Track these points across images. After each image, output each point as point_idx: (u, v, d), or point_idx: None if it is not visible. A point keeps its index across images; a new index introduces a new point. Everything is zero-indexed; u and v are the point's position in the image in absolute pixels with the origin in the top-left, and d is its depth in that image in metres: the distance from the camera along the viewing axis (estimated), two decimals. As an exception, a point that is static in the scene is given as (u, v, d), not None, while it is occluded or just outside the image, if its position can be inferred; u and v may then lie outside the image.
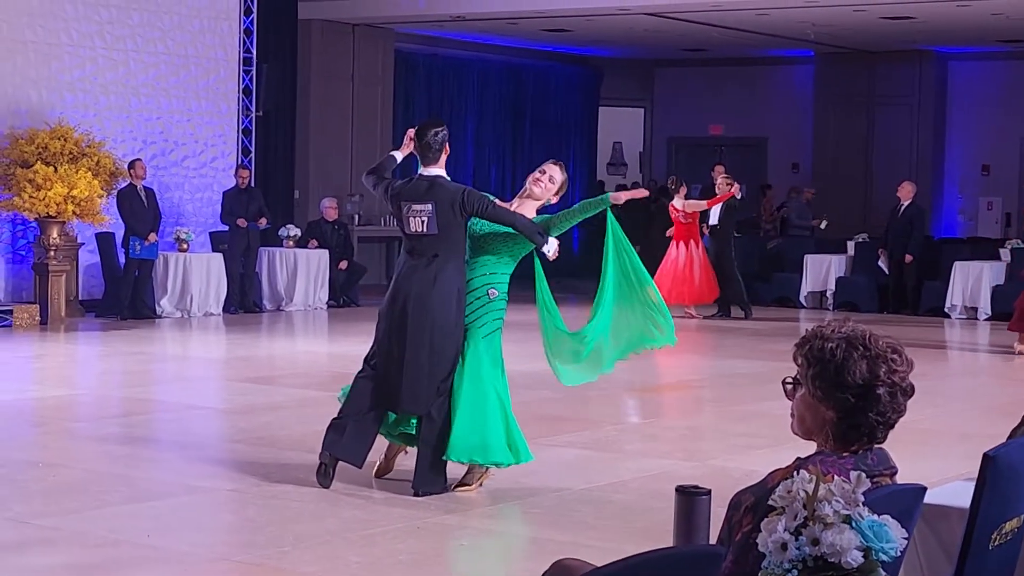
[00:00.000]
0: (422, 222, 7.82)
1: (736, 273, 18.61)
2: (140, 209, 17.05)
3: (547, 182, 8.02)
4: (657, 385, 13.13)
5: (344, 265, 19.22)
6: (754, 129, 26.61)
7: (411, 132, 8.19)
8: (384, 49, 22.93)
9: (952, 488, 4.49)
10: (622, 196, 8.42)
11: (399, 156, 8.30)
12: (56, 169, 16.30)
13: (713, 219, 18.49)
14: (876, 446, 3.51)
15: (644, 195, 9.44)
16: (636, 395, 12.56)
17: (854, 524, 2.86)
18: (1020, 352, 15.10)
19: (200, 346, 15.70)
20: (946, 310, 19.19)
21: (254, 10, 19.51)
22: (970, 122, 24.83)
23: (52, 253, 16.32)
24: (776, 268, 21.29)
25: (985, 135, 24.71)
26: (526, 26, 22.47)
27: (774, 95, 26.49)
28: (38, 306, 16.23)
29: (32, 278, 16.69)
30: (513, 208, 7.94)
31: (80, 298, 17.48)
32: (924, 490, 3.61)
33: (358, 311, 18.50)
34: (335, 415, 7.94)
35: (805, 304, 20.40)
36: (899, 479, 3.59)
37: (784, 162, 26.37)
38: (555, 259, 7.80)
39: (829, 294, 20.38)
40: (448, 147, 8.04)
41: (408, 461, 8.00)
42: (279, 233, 19.05)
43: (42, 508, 7.50)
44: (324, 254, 19.01)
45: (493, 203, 7.80)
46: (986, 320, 18.84)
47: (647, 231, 24.52)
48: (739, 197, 18.65)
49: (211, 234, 18.73)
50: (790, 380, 3.54)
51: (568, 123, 27.02)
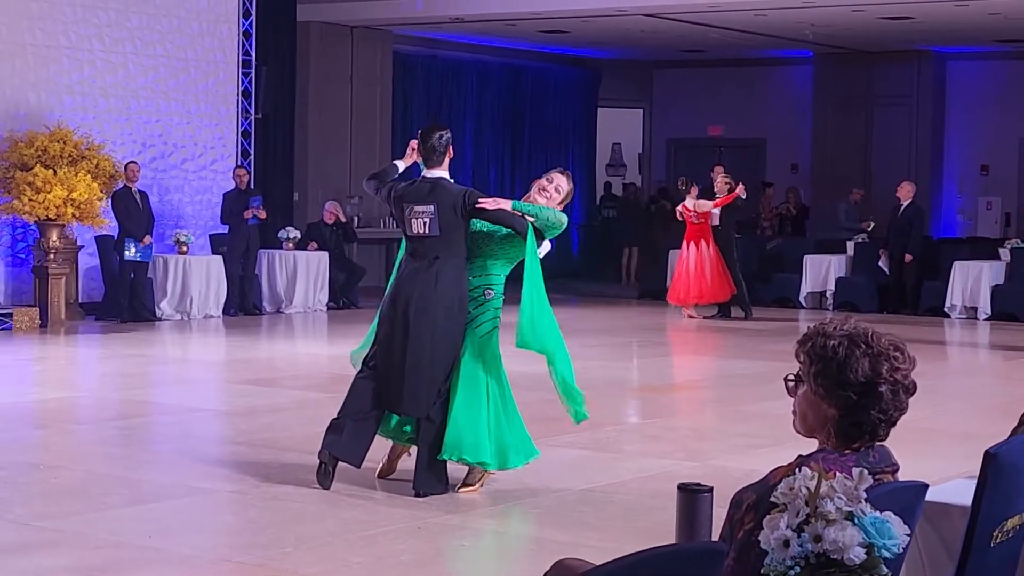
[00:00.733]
0: (424, 223, 7.83)
1: (738, 273, 18.63)
2: (135, 211, 17.04)
3: (553, 191, 8.00)
4: (657, 385, 13.12)
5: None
6: (753, 130, 26.61)
7: (414, 143, 8.19)
8: (383, 51, 22.94)
9: (953, 486, 4.49)
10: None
11: (401, 165, 8.29)
12: (55, 172, 16.30)
13: (714, 220, 18.52)
14: (878, 444, 3.51)
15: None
16: (636, 395, 12.57)
17: (856, 521, 2.86)
18: None
19: (200, 348, 15.70)
20: (946, 310, 19.19)
21: (253, 13, 19.52)
22: (969, 122, 24.84)
23: (52, 256, 16.32)
24: (776, 268, 21.28)
25: (984, 135, 24.72)
26: (524, 28, 22.48)
27: (773, 96, 26.50)
28: (38, 309, 16.23)
29: (32, 281, 16.69)
30: None
31: (80, 301, 17.48)
32: (926, 487, 3.61)
33: (358, 313, 18.49)
34: (334, 415, 7.95)
35: (805, 304, 20.40)
36: (900, 477, 3.59)
37: (783, 163, 26.38)
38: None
39: (829, 294, 20.38)
40: (451, 150, 8.06)
41: (411, 462, 8.00)
42: (278, 235, 19.05)
43: (43, 510, 7.50)
44: (324, 256, 19.02)
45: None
46: (986, 320, 18.84)
47: (647, 232, 24.60)
48: (743, 198, 18.68)
49: (211, 236, 18.72)
50: (792, 377, 3.54)
51: (567, 124, 27.02)
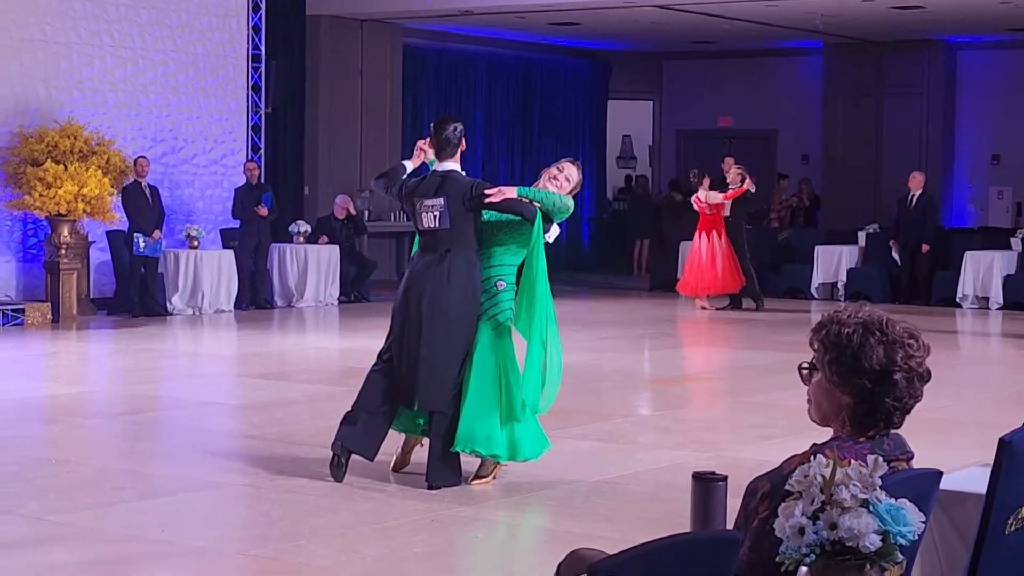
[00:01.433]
0: (434, 217, 7.82)
1: (748, 265, 18.63)
2: (144, 206, 17.06)
3: (563, 180, 8.00)
4: (669, 377, 13.12)
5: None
6: (763, 121, 26.57)
7: (421, 143, 8.17)
8: (392, 44, 22.93)
9: (968, 474, 4.49)
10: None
11: (409, 166, 8.26)
12: (66, 167, 16.33)
13: (725, 211, 18.52)
14: (892, 431, 3.51)
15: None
16: (648, 387, 12.58)
17: (871, 508, 2.85)
18: None
19: (211, 343, 15.73)
20: (957, 300, 19.17)
21: (262, 7, 19.52)
22: (980, 111, 24.77)
23: (63, 251, 16.35)
24: (787, 259, 21.27)
25: (995, 124, 24.65)
26: (534, 20, 22.46)
27: (783, 86, 26.45)
28: (49, 304, 16.26)
29: (43, 276, 16.72)
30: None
31: (91, 296, 17.51)
32: (940, 475, 3.60)
33: (369, 307, 18.52)
34: (348, 408, 7.96)
35: (816, 295, 20.39)
36: (915, 465, 3.58)
37: (794, 153, 26.34)
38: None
39: (840, 285, 20.36)
40: (464, 142, 8.06)
41: (424, 455, 8.00)
42: (289, 229, 19.05)
43: (56, 505, 7.51)
44: (334, 250, 19.02)
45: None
46: (998, 309, 18.82)
47: (658, 224, 24.59)
48: (752, 191, 18.67)
49: (221, 231, 18.74)
50: (806, 365, 3.53)
51: (577, 116, 26.99)
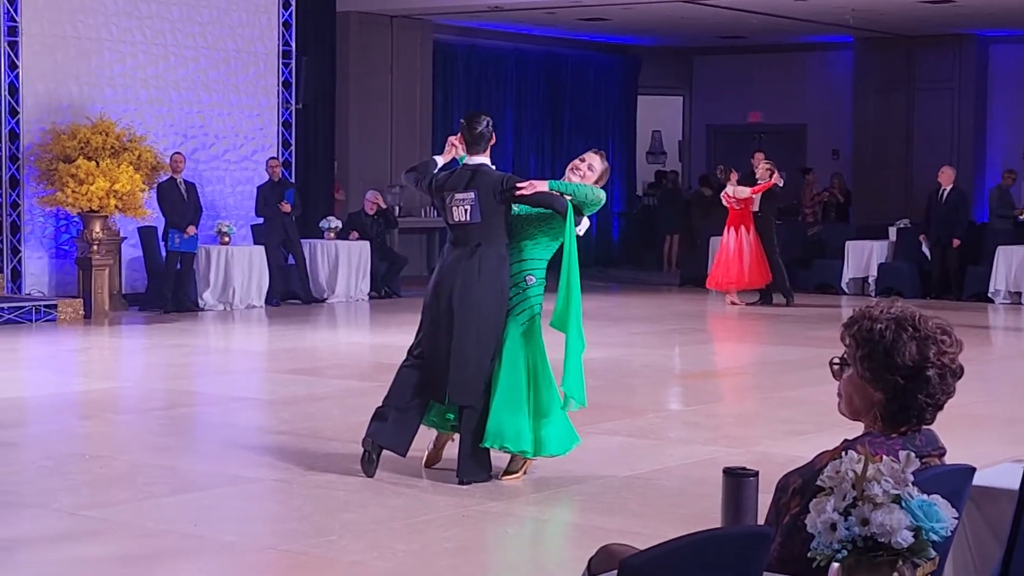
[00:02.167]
0: (465, 211, 7.82)
1: (778, 260, 18.59)
2: (179, 202, 17.13)
3: (586, 170, 7.97)
4: (699, 372, 13.10)
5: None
6: (793, 116, 26.51)
7: (453, 139, 8.14)
8: (422, 40, 22.96)
9: (1001, 469, 4.47)
10: None
11: (440, 160, 8.20)
12: (98, 164, 16.39)
13: (754, 206, 18.49)
14: (924, 427, 3.50)
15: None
16: (678, 382, 12.56)
17: (904, 504, 2.84)
18: None
19: (243, 338, 15.78)
20: (989, 295, 19.09)
21: (292, 3, 19.56)
22: (1012, 106, 24.64)
23: (95, 247, 16.42)
24: (817, 254, 21.22)
25: (1027, 119, 24.54)
26: (563, 15, 22.45)
27: (813, 81, 26.38)
28: (82, 300, 16.33)
29: (75, 272, 16.79)
30: None
31: (123, 292, 17.58)
32: (973, 470, 3.59)
33: (399, 302, 18.56)
34: (379, 404, 7.97)
35: (847, 290, 20.32)
36: (947, 460, 3.57)
37: (824, 149, 26.27)
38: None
39: (871, 280, 20.28)
40: (494, 136, 8.06)
41: (456, 450, 8.01)
42: (320, 225, 19.11)
43: (89, 500, 7.54)
44: (365, 245, 19.06)
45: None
46: (1030, 305, 18.75)
47: (687, 219, 24.56)
48: (780, 185, 18.63)
49: (252, 227, 18.80)
50: (837, 361, 3.52)
51: (607, 112, 26.97)
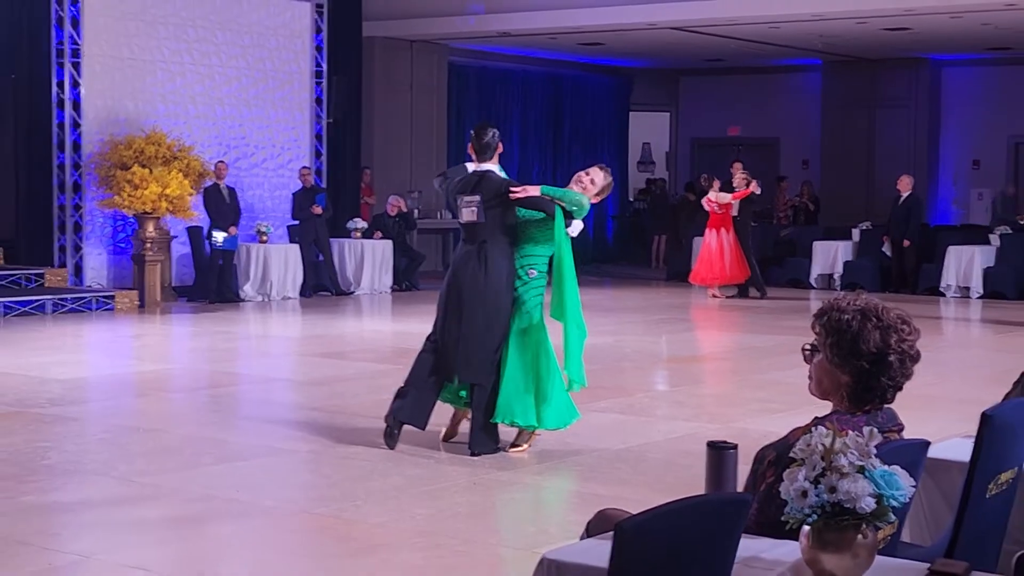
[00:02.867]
0: (472, 211, 7.83)
1: (752, 258, 18.59)
2: (222, 205, 17.14)
3: (588, 183, 7.96)
4: (684, 357, 13.09)
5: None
6: (768, 130, 26.47)
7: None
8: (439, 62, 22.93)
9: (953, 444, 4.47)
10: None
11: (471, 167, 8.08)
12: (151, 171, 16.39)
13: (733, 210, 18.48)
14: (886, 406, 3.50)
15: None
16: (665, 366, 12.55)
17: (867, 474, 2.85)
18: None
19: (279, 326, 15.77)
20: (941, 289, 19.07)
21: (324, 29, 19.56)
22: (962, 121, 24.62)
23: (148, 245, 16.43)
24: (788, 253, 21.24)
25: (976, 133, 24.50)
26: (564, 40, 22.43)
27: (786, 99, 26.34)
28: (136, 292, 16.35)
29: (131, 267, 16.82)
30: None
31: (173, 284, 17.58)
32: (928, 444, 3.60)
33: (418, 294, 18.55)
34: (399, 384, 7.97)
35: (815, 285, 20.32)
36: (905, 436, 3.57)
37: (795, 159, 26.24)
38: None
39: (836, 276, 20.28)
40: (501, 145, 8.04)
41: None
42: (347, 226, 19.11)
43: (144, 468, 7.55)
44: (387, 244, 19.05)
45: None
46: (978, 298, 18.72)
47: (674, 222, 24.53)
48: (757, 192, 18.61)
49: (288, 227, 18.80)
50: (808, 347, 3.52)
51: (602, 127, 26.93)
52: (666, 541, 2.74)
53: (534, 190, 7.77)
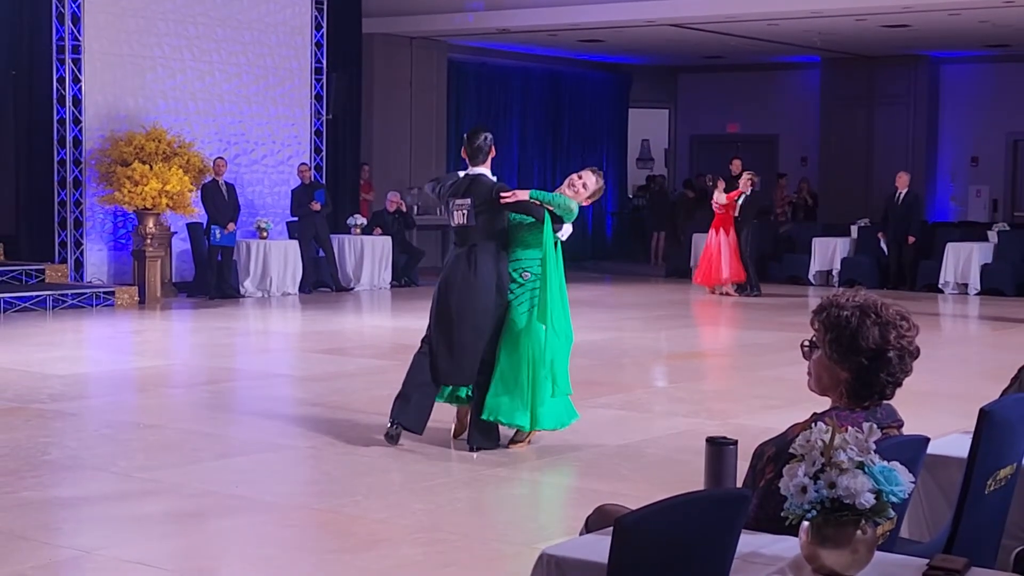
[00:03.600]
0: (463, 214, 7.82)
1: (747, 260, 18.49)
2: (221, 202, 17.14)
3: (580, 187, 7.93)
4: (683, 353, 13.09)
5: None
6: (767, 127, 26.46)
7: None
8: (438, 59, 22.92)
9: (951, 440, 4.47)
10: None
11: (462, 175, 8.12)
12: (151, 167, 16.39)
13: (734, 210, 18.42)
14: (885, 402, 3.50)
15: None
16: (664, 362, 12.55)
17: (867, 469, 2.85)
18: None
19: (279, 322, 15.77)
20: (940, 286, 19.08)
21: (324, 26, 19.54)
22: (961, 118, 24.61)
23: (148, 241, 16.42)
24: (787, 250, 21.23)
25: (974, 130, 24.49)
26: (564, 37, 22.42)
27: (784, 96, 26.33)
28: (137, 287, 16.34)
29: (131, 263, 16.81)
30: None
31: (173, 280, 17.58)
32: (927, 441, 3.59)
33: (417, 290, 18.54)
34: (400, 388, 7.94)
35: (813, 282, 20.31)
36: (904, 432, 3.57)
37: (794, 156, 26.23)
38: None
39: (835, 272, 20.28)
40: (494, 149, 8.02)
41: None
42: (347, 222, 19.11)
43: (144, 463, 7.55)
44: (387, 240, 19.05)
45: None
46: (976, 295, 18.72)
47: (672, 219, 24.53)
48: (748, 193, 18.46)
49: (288, 223, 18.80)
50: (807, 343, 3.52)
51: (601, 124, 26.92)
52: (665, 537, 2.74)
53: (523, 194, 7.76)
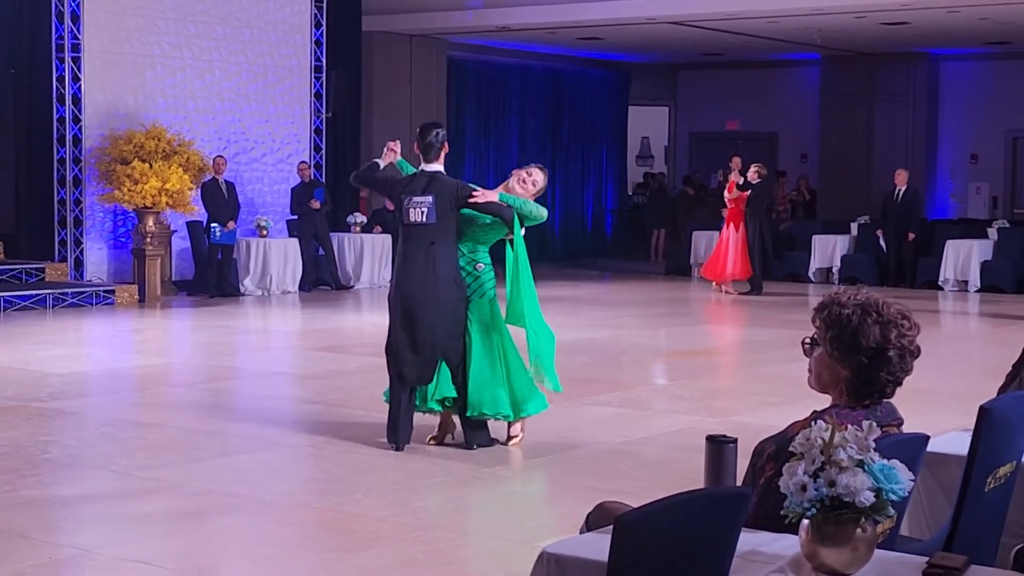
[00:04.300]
0: (422, 212, 7.73)
1: (754, 256, 18.45)
2: (221, 200, 17.14)
3: (530, 184, 7.92)
4: (682, 351, 13.08)
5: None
6: (767, 124, 26.45)
7: (392, 144, 8.11)
8: (438, 57, 22.90)
9: (951, 437, 4.47)
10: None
11: (382, 164, 8.12)
12: (151, 165, 16.39)
13: (743, 204, 18.39)
14: (885, 400, 3.49)
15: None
16: (664, 360, 12.55)
17: (866, 468, 2.85)
18: None
19: (279, 320, 15.77)
20: (939, 283, 19.07)
21: (323, 24, 19.54)
22: (960, 116, 24.60)
23: (148, 239, 16.42)
24: (787, 247, 21.21)
25: (974, 127, 24.49)
26: (563, 35, 22.41)
27: (784, 93, 26.33)
28: (136, 286, 16.34)
29: (131, 261, 16.80)
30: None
31: (173, 278, 17.58)
32: (927, 439, 3.59)
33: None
34: (389, 410, 7.86)
35: (813, 279, 20.31)
36: (904, 430, 3.57)
37: (794, 153, 26.23)
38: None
39: (835, 270, 20.28)
40: (447, 145, 7.97)
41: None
42: (347, 220, 19.10)
43: (143, 462, 7.55)
44: (387, 238, 19.03)
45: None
46: (975, 292, 18.71)
47: (672, 216, 24.53)
48: (740, 182, 18.37)
49: (288, 222, 18.79)
50: (808, 340, 3.52)
51: (601, 120, 26.91)
52: (666, 535, 2.74)
53: (493, 195, 7.74)
